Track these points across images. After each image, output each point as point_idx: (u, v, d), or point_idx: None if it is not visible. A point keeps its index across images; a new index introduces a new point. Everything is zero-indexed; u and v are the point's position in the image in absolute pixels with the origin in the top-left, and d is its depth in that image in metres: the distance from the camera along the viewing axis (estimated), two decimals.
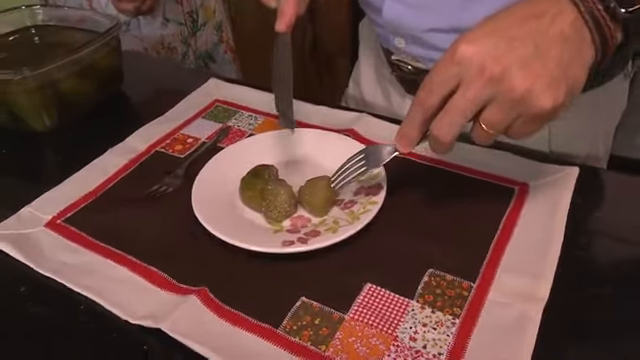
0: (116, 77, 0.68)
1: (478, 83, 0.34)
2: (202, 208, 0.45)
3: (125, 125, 0.61)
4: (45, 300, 0.41)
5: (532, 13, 0.35)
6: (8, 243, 0.44)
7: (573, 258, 0.41)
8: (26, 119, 0.59)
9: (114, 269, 0.42)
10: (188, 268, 0.42)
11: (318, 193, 0.45)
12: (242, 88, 0.67)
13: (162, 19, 1.08)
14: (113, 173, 0.53)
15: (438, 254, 0.42)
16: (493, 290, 0.39)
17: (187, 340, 0.35)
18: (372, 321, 0.37)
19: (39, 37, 0.69)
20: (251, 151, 0.52)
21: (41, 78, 0.57)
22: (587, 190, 0.47)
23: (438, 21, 0.55)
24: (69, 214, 0.48)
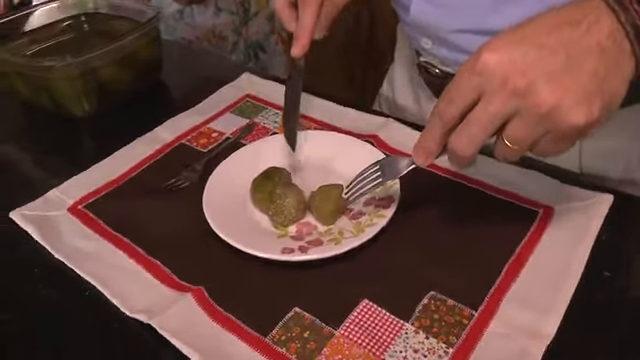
0: (155, 67, 0.69)
1: (501, 96, 0.31)
2: (211, 206, 0.45)
3: (159, 114, 0.62)
4: (55, 283, 0.42)
5: (566, 20, 0.32)
6: (31, 224, 0.46)
7: (589, 297, 0.37)
8: (66, 104, 0.61)
9: (121, 259, 0.43)
10: (190, 265, 0.42)
11: (328, 202, 0.44)
12: (275, 85, 0.66)
13: (214, 8, 1.10)
14: (137, 162, 0.54)
15: (443, 276, 0.40)
16: (495, 320, 0.37)
17: (174, 339, 0.36)
18: (362, 340, 0.36)
19: (88, 25, 0.72)
20: (268, 151, 0.52)
21: (82, 66, 0.59)
22: (619, 221, 0.43)
23: (467, 22, 0.52)
24: (90, 200, 0.50)
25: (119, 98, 0.65)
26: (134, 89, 0.66)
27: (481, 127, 0.33)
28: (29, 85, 0.61)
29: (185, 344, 0.35)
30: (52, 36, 0.70)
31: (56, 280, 0.42)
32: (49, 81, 0.59)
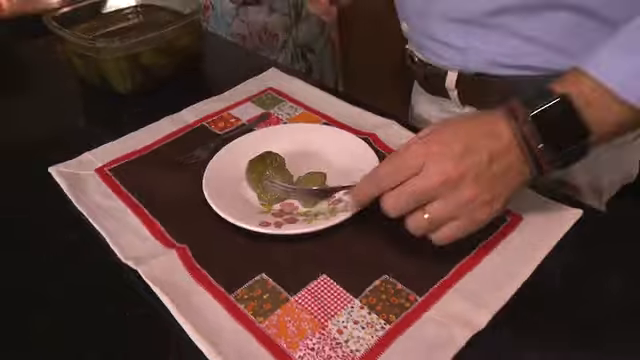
0: (193, 56, 0.76)
1: (436, 180, 0.38)
2: (210, 180, 0.51)
3: (190, 98, 0.69)
4: (75, 230, 0.49)
5: (485, 132, 0.40)
6: (64, 179, 0.54)
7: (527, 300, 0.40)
8: (111, 82, 0.69)
9: (129, 217, 0.50)
10: (181, 227, 0.48)
11: (303, 183, 0.49)
12: (297, 81, 0.71)
13: (268, 8, 1.17)
14: (160, 138, 0.61)
15: (399, 263, 0.43)
16: (435, 308, 0.40)
17: (154, 286, 0.41)
18: (311, 308, 0.40)
19: (142, 15, 0.80)
20: (271, 138, 0.57)
21: (126, 50, 0.67)
22: (586, 235, 0.45)
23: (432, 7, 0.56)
24: (114, 165, 0.57)
25: (157, 80, 0.72)
26: (172, 74, 0.74)
27: (411, 197, 0.39)
28: (84, 63, 0.70)
29: (162, 293, 0.41)
30: (112, 22, 0.79)
31: (76, 228, 0.49)
32: (99, 61, 0.67)
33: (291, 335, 0.38)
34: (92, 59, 0.68)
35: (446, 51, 0.60)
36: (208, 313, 0.40)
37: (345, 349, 0.37)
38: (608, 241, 0.45)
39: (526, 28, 0.53)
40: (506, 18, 0.53)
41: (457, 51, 0.58)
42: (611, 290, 0.41)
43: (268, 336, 0.38)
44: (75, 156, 0.58)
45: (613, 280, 0.42)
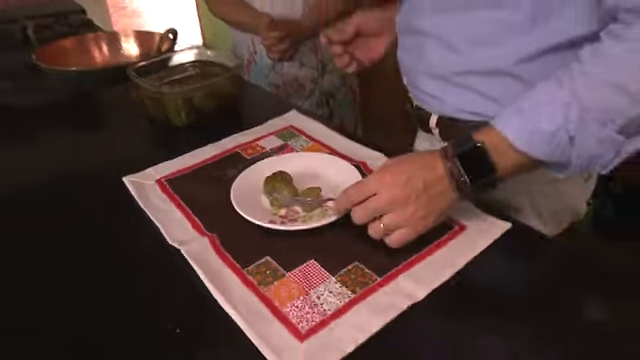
0: (234, 100, 0.90)
1: (388, 200, 0.51)
2: (236, 190, 0.63)
3: (229, 130, 0.82)
4: (138, 222, 0.62)
5: (424, 164, 0.53)
6: (132, 186, 0.68)
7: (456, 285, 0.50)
8: (171, 118, 0.83)
9: (176, 213, 0.63)
10: (212, 221, 0.60)
11: (305, 197, 0.61)
12: (310, 120, 0.84)
13: (299, 63, 1.30)
14: (204, 159, 0.75)
15: (368, 254, 0.54)
16: (389, 286, 0.50)
17: (191, 261, 0.53)
18: (299, 281, 0.51)
19: (198, 67, 0.95)
20: (285, 162, 0.68)
21: (183, 95, 0.81)
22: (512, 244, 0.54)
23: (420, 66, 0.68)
24: (170, 178, 0.70)
25: (205, 117, 0.86)
26: (217, 112, 0.87)
27: (370, 211, 0.53)
28: (152, 103, 0.85)
29: (197, 264, 0.53)
30: (176, 73, 0.94)
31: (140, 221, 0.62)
32: (162, 101, 0.82)
33: (283, 298, 0.49)
34: (158, 100, 0.83)
35: (429, 100, 0.70)
36: (228, 282, 0.51)
37: (320, 308, 0.48)
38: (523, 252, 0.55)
39: (482, 87, 0.63)
40: (468, 79, 0.64)
41: (436, 100, 0.69)
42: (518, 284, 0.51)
43: (267, 298, 0.49)
44: (142, 170, 0.72)
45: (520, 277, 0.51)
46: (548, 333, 0.44)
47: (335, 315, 0.47)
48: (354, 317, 0.46)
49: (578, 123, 0.47)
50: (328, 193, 0.62)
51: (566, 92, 0.48)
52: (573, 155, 0.49)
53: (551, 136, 0.48)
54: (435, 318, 0.47)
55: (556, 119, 0.47)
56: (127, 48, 1.26)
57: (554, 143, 0.48)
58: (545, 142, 0.48)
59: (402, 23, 0.72)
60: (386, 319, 0.46)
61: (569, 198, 0.73)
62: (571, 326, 0.45)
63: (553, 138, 0.48)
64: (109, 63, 1.22)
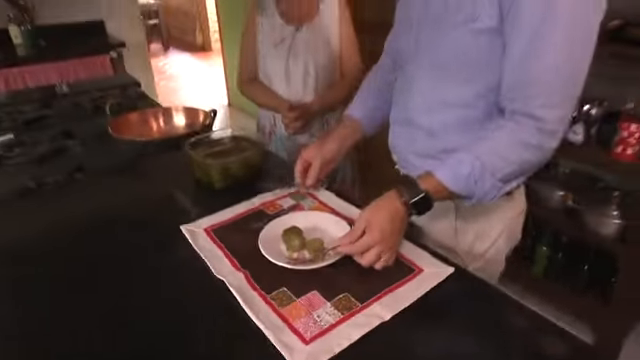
0: (260, 168, 1.10)
1: (371, 239, 0.72)
2: (262, 238, 0.81)
3: (256, 191, 1.01)
4: (192, 258, 0.80)
5: (392, 208, 0.74)
6: (188, 233, 0.86)
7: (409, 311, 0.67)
8: (213, 181, 1.03)
9: (218, 253, 0.80)
10: (245, 259, 0.78)
11: (310, 245, 0.79)
12: (323, 190, 1.03)
13: (309, 135, 1.50)
14: (238, 214, 0.93)
15: (353, 288, 0.71)
16: (366, 310, 0.67)
17: (232, 290, 0.71)
18: (305, 304, 0.68)
19: (233, 141, 1.16)
20: (297, 219, 0.87)
21: (222, 164, 1.01)
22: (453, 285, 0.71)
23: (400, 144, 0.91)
24: (214, 227, 0.89)
25: (238, 181, 1.05)
26: (246, 177, 1.07)
27: (360, 247, 0.73)
28: (199, 169, 1.05)
29: (235, 291, 0.70)
30: (216, 145, 1.14)
31: (194, 259, 0.80)
32: (206, 170, 1.02)
33: (294, 315, 0.66)
34: (204, 168, 1.03)
35: (413, 169, 0.90)
36: (257, 304, 0.69)
37: (319, 324, 0.64)
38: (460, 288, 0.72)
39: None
40: (442, 154, 0.82)
41: (418, 169, 0.85)
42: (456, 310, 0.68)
43: (284, 315, 0.66)
44: (193, 221, 0.91)
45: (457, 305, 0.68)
46: (483, 340, 0.61)
47: (329, 328, 0.64)
48: (341, 330, 0.63)
49: (479, 173, 0.71)
50: (327, 242, 0.80)
51: (473, 155, 0.72)
52: (476, 192, 0.73)
53: (465, 179, 0.71)
54: (397, 332, 0.64)
55: (468, 169, 0.71)
56: (178, 120, 1.48)
57: (466, 183, 0.72)
58: (462, 182, 0.72)
59: (396, 117, 0.93)
60: (362, 332, 0.63)
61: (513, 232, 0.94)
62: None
63: (466, 180, 0.71)
64: (165, 133, 1.43)
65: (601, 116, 1.49)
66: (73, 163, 1.29)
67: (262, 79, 1.49)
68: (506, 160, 0.72)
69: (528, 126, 0.70)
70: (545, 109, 0.69)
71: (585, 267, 1.67)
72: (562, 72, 0.67)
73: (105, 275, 0.79)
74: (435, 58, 0.81)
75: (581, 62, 0.67)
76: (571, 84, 0.69)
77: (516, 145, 0.71)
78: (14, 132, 1.57)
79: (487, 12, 0.70)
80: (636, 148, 1.39)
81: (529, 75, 0.69)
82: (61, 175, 1.23)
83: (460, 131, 0.82)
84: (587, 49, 0.67)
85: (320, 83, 1.43)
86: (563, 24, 0.64)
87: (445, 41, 0.78)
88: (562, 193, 1.64)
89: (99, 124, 1.58)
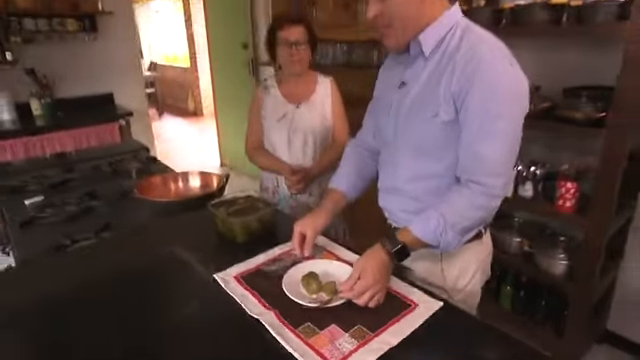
0: (273, 224, 1.22)
1: (365, 284, 0.84)
2: (285, 282, 0.92)
3: (272, 243, 1.12)
4: (226, 300, 0.90)
5: (379, 258, 0.87)
6: (220, 280, 0.96)
7: (411, 337, 0.78)
8: (235, 236, 1.14)
9: (249, 296, 0.90)
10: (273, 300, 0.88)
11: (326, 288, 0.90)
12: (324, 238, 1.15)
13: (308, 194, 1.63)
14: (260, 263, 1.04)
15: (367, 320, 0.82)
16: (377, 338, 0.78)
17: (267, 326, 0.81)
18: (328, 335, 0.79)
19: (249, 201, 1.28)
20: (312, 266, 0.99)
21: (242, 221, 1.13)
22: (441, 318, 0.83)
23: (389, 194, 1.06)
24: (242, 275, 0.99)
25: (255, 235, 1.17)
26: (263, 232, 1.18)
27: (358, 290, 0.85)
28: (222, 226, 1.16)
29: (269, 327, 0.80)
30: (235, 205, 1.26)
31: (226, 300, 0.90)
32: (229, 225, 1.14)
33: (320, 344, 0.77)
34: (227, 224, 1.15)
35: (402, 221, 1.03)
36: (288, 336, 0.79)
37: (340, 350, 0.75)
38: (449, 320, 0.84)
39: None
40: (423, 210, 0.96)
41: (405, 221, 0.99)
42: (447, 336, 0.79)
43: (311, 344, 0.76)
44: (224, 270, 1.01)
45: (447, 332, 0.80)
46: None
47: (349, 354, 0.74)
48: (359, 355, 0.74)
49: (443, 227, 0.86)
50: (338, 284, 0.91)
51: (439, 212, 0.87)
52: (441, 242, 0.87)
53: (432, 232, 0.86)
54: (403, 354, 0.75)
55: (434, 224, 0.86)
56: (194, 182, 1.59)
57: (434, 235, 0.86)
58: (430, 234, 0.86)
59: (384, 185, 1.08)
60: (376, 355, 0.73)
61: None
62: None
63: (434, 233, 0.86)
64: (183, 194, 1.54)
65: (544, 175, 1.70)
66: (101, 222, 1.38)
67: (267, 147, 1.65)
68: (462, 216, 0.87)
69: (477, 192, 0.85)
70: (490, 178, 0.85)
71: (542, 302, 1.81)
72: (501, 152, 0.85)
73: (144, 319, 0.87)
74: (412, 142, 0.96)
75: (514, 143, 0.86)
76: (507, 159, 0.86)
77: (469, 205, 0.87)
78: (43, 194, 1.65)
79: (446, 110, 0.86)
80: (573, 202, 1.60)
81: (477, 155, 0.85)
82: (91, 232, 1.31)
83: (437, 194, 0.96)
84: (518, 134, 0.86)
85: (317, 150, 1.60)
86: (500, 118, 0.83)
87: (419, 129, 0.93)
88: (519, 239, 1.82)
89: (119, 185, 1.68)
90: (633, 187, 1.69)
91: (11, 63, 2.79)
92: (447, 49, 0.87)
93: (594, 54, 1.68)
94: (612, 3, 1.38)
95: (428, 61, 0.90)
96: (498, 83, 0.82)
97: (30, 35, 2.88)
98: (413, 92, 0.93)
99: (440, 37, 0.88)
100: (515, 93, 0.84)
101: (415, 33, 0.89)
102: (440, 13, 0.88)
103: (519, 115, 0.85)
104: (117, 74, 3.43)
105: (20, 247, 1.29)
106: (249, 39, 3.63)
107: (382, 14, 0.88)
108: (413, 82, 0.93)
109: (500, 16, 1.66)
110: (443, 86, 0.86)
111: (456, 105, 0.86)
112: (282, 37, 1.52)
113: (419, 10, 0.87)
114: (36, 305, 0.93)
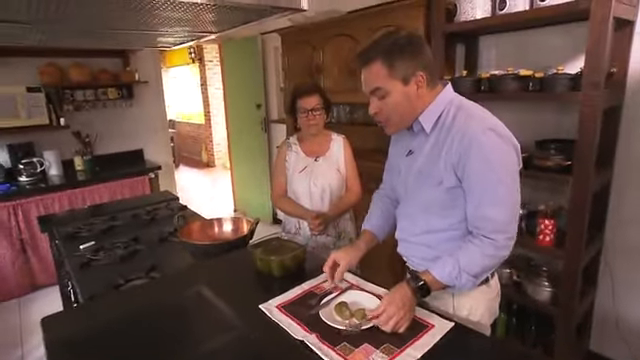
0: (303, 262, 1.33)
1: (392, 313, 0.92)
2: (322, 310, 1.02)
3: (305, 278, 1.23)
4: (272, 326, 0.99)
5: (404, 293, 0.95)
6: (266, 309, 1.06)
7: (430, 351, 0.88)
8: (273, 271, 1.25)
9: (292, 321, 1.00)
10: (313, 327, 0.98)
11: (357, 314, 1.00)
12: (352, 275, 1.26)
13: (326, 234, 1.75)
14: (296, 295, 1.14)
15: (393, 339, 0.92)
16: (403, 353, 0.88)
17: (312, 346, 0.90)
18: (362, 352, 0.88)
19: (280, 242, 1.40)
20: (342, 297, 1.09)
21: (279, 261, 1.25)
22: (452, 338, 0.93)
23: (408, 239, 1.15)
24: (282, 305, 1.09)
25: (290, 271, 1.27)
26: (295, 268, 1.29)
27: (384, 318, 0.93)
28: (261, 263, 1.27)
29: (314, 347, 0.90)
30: (268, 245, 1.38)
31: (273, 325, 0.99)
32: (268, 263, 1.25)
33: (356, 359, 0.86)
34: (266, 262, 1.26)
35: (416, 266, 1.14)
36: (331, 354, 0.88)
37: None
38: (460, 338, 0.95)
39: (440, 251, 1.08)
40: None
41: (419, 265, 1.12)
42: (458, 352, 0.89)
43: (349, 359, 0.86)
44: (267, 300, 1.10)
45: (459, 348, 0.90)
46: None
47: None
48: None
49: (458, 272, 0.94)
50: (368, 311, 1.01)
51: (454, 259, 0.95)
52: (457, 284, 0.95)
53: (448, 275, 0.94)
54: None
55: (450, 269, 0.95)
56: (227, 227, 1.71)
57: (449, 278, 0.95)
58: (446, 277, 0.95)
59: (402, 236, 1.15)
60: None
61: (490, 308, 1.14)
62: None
63: (449, 276, 0.94)
64: (217, 237, 1.65)
65: (527, 214, 1.84)
66: (148, 263, 1.48)
67: (290, 195, 1.78)
68: (474, 263, 0.94)
69: (487, 243, 0.93)
70: (497, 234, 0.92)
71: (532, 327, 1.88)
72: (505, 213, 0.92)
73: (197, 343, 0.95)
74: (421, 203, 1.03)
75: (515, 199, 0.93)
76: (511, 215, 0.93)
77: (480, 254, 0.94)
78: (94, 240, 1.76)
79: (448, 178, 0.94)
80: (551, 236, 1.73)
81: (485, 217, 0.92)
82: (142, 272, 1.41)
83: (449, 244, 1.01)
84: (517, 190, 0.93)
85: (333, 197, 1.74)
86: (500, 184, 0.90)
87: (426, 193, 1.01)
88: (509, 270, 1.92)
89: (159, 231, 1.80)
90: (598, 222, 1.83)
91: (63, 128, 2.99)
92: (444, 125, 0.96)
93: (558, 113, 1.88)
94: (566, 76, 1.59)
95: (429, 136, 0.99)
96: (490, 155, 0.89)
97: (79, 104, 3.11)
98: (419, 161, 1.01)
99: (437, 115, 0.97)
100: (506, 160, 0.91)
101: (412, 120, 0.99)
102: (432, 99, 0.97)
103: (515, 175, 0.92)
104: (147, 133, 3.64)
105: (82, 285, 1.38)
106: (262, 100, 3.88)
107: (381, 111, 0.98)
108: (418, 152, 1.01)
109: (479, 84, 1.87)
110: (443, 158, 0.94)
111: (457, 174, 0.93)
112: (301, 105, 1.71)
113: (412, 106, 0.97)
114: (95, 332, 1.02)
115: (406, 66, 0.93)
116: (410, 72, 0.93)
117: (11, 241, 2.67)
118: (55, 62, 2.97)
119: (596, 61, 1.46)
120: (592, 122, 1.52)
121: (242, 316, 1.07)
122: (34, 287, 2.79)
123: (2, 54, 2.80)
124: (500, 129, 0.92)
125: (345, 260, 1.14)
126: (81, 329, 1.06)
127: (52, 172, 2.99)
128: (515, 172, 0.94)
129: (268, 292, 1.15)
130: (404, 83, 0.94)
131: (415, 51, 0.93)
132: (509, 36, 2.01)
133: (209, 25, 1.30)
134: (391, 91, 0.95)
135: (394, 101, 0.96)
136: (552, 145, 1.71)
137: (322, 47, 2.75)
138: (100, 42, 1.62)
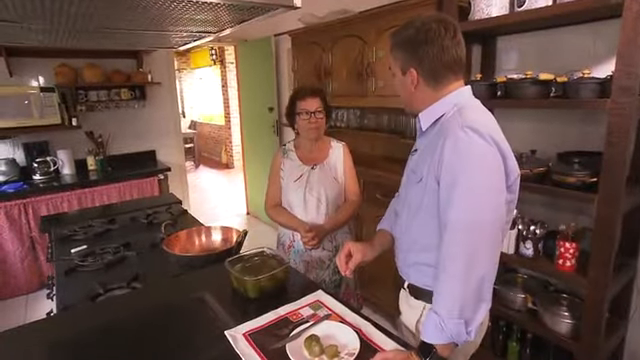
0: (284, 282, 1.20)
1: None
2: (290, 344, 0.89)
3: (283, 300, 1.10)
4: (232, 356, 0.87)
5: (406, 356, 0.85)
6: (230, 336, 0.95)
7: None
8: (248, 292, 1.13)
9: (254, 353, 0.88)
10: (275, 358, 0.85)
11: (328, 351, 0.87)
12: (331, 299, 1.12)
13: (321, 248, 1.62)
14: (268, 321, 1.02)
15: None
16: None
17: None
18: None
19: (262, 258, 1.28)
20: (314, 329, 0.96)
21: (255, 280, 1.12)
22: None
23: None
24: (251, 332, 0.97)
25: (268, 292, 1.15)
26: (274, 289, 1.17)
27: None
28: (237, 282, 1.16)
29: None
30: (249, 262, 1.26)
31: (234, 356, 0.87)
32: (243, 282, 1.13)
33: None
34: (241, 281, 1.14)
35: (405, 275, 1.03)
36: None
37: None
38: None
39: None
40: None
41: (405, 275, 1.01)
42: None
43: None
44: (234, 327, 0.99)
45: None
46: None
47: None
48: None
49: (439, 321, 0.82)
50: (340, 347, 0.88)
51: (432, 311, 0.84)
52: (450, 334, 0.81)
53: (434, 329, 0.83)
54: None
55: (433, 323, 0.83)
56: (215, 236, 1.61)
57: (436, 331, 0.82)
58: (434, 333, 0.83)
59: (402, 260, 1.05)
60: None
61: None
62: None
63: (436, 330, 0.83)
64: (206, 247, 1.56)
65: (544, 235, 1.63)
66: (131, 272, 1.40)
67: (285, 205, 1.66)
68: (450, 299, 0.81)
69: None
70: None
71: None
72: (461, 219, 0.80)
73: None
74: (408, 202, 0.99)
75: (484, 210, 0.81)
76: (479, 219, 0.80)
77: (450, 285, 0.82)
78: (87, 244, 1.70)
79: (429, 179, 0.89)
80: (573, 261, 1.52)
81: (445, 222, 0.83)
82: (123, 282, 1.33)
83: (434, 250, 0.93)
84: (491, 199, 0.81)
85: (330, 208, 1.61)
86: (462, 191, 0.81)
87: (412, 192, 0.97)
88: (523, 296, 1.71)
89: (151, 237, 1.72)
90: (631, 246, 1.59)
91: (76, 127, 3.00)
92: (441, 128, 0.91)
93: (583, 123, 1.67)
94: (593, 81, 1.39)
95: (427, 135, 0.97)
96: (462, 148, 0.82)
97: (92, 104, 3.12)
98: (413, 160, 1.00)
99: (437, 116, 0.93)
100: (482, 156, 0.82)
101: (412, 109, 1.00)
102: (434, 99, 0.94)
103: (493, 176, 0.82)
104: (160, 134, 3.63)
105: (61, 293, 1.31)
106: (275, 103, 3.80)
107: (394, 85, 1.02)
108: (419, 150, 1.00)
109: (495, 89, 1.68)
110: (429, 161, 0.90)
111: (436, 178, 0.87)
112: (302, 107, 1.59)
113: (410, 97, 0.97)
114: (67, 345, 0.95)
115: (402, 59, 0.94)
116: (405, 66, 0.94)
117: (21, 238, 2.69)
118: (69, 63, 2.99)
119: (629, 63, 1.26)
120: (623, 133, 1.31)
121: (205, 342, 0.95)
122: (42, 285, 2.81)
123: (17, 54, 2.84)
124: (482, 128, 0.82)
125: (361, 253, 1.08)
126: (49, 341, 0.99)
127: (65, 171, 3.02)
128: (494, 172, 0.83)
129: (241, 315, 1.04)
130: (402, 74, 0.96)
131: (413, 47, 0.91)
132: (530, 36, 1.81)
133: (205, 24, 1.23)
134: (395, 75, 0.99)
135: (397, 84, 0.99)
136: (576, 159, 1.50)
137: (331, 49, 2.63)
138: (88, 43, 1.58)
